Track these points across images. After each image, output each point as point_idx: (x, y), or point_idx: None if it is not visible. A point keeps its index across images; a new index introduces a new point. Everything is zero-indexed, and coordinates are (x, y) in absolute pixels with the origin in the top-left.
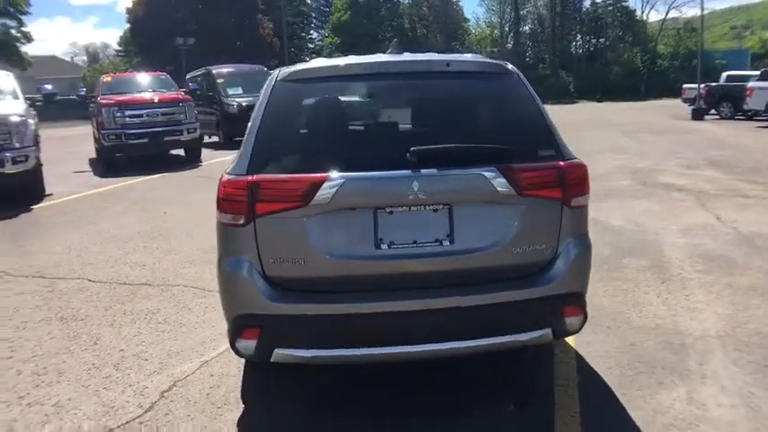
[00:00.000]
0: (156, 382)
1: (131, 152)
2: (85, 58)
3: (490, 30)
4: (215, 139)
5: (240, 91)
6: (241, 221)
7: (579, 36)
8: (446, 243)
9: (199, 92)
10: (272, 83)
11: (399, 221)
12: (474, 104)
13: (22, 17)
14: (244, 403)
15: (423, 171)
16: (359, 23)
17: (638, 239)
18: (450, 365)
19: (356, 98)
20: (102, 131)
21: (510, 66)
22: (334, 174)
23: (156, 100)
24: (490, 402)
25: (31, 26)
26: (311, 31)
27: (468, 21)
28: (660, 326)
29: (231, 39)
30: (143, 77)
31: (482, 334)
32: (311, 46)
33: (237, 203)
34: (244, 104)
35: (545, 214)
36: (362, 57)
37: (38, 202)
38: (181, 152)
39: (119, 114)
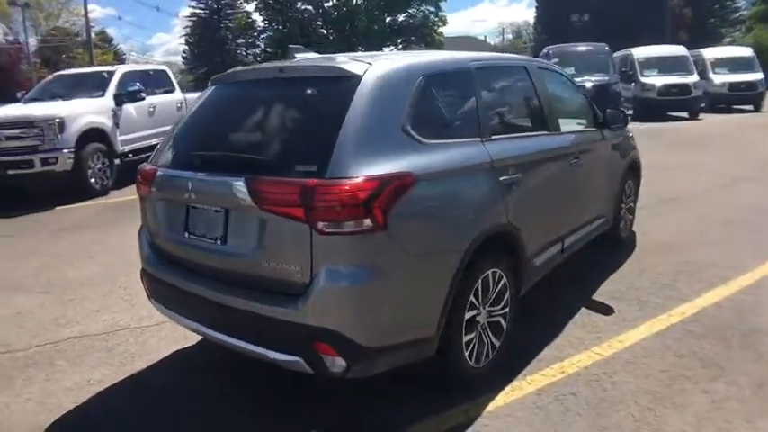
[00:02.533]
0: None
1: None
2: (510, 36)
3: None
4: None
5: (572, 71)
6: (140, 199)
7: None
8: (219, 243)
9: None
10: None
11: (200, 216)
12: (286, 112)
13: (441, 3)
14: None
15: (196, 174)
16: None
17: None
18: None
19: (223, 103)
20: None
21: (362, 70)
22: (160, 170)
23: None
24: (310, 422)
25: (478, 8)
26: None
27: None
28: None
29: (632, 12)
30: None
31: (242, 337)
32: (736, 15)
33: (137, 185)
34: None
35: (291, 234)
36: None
37: None
38: None
39: None
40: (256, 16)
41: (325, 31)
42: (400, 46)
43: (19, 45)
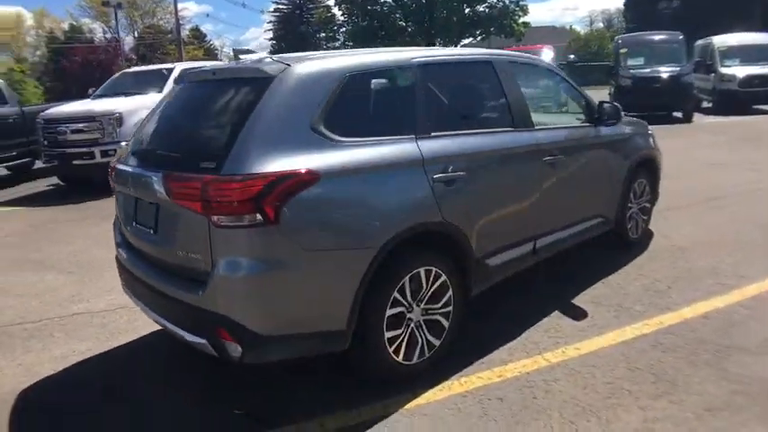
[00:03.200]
0: None
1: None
2: (602, 24)
3: None
4: None
5: (641, 62)
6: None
7: None
8: (152, 232)
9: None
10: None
11: (141, 207)
12: (208, 111)
13: None
14: None
15: (136, 169)
16: None
17: None
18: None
19: (171, 102)
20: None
21: (278, 71)
22: (118, 165)
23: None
24: (232, 402)
25: None
26: None
27: None
28: None
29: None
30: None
31: (169, 319)
32: None
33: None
34: (638, 77)
35: (194, 225)
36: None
37: None
38: None
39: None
40: (337, 10)
41: (404, 24)
42: (479, 37)
43: (116, 42)
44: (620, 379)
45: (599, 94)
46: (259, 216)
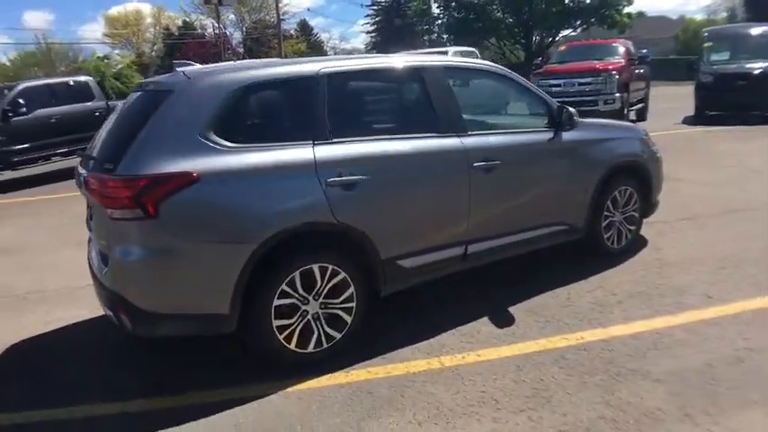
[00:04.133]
0: None
1: None
2: (725, 14)
3: None
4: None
5: (727, 56)
6: None
7: None
8: (92, 223)
9: None
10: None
11: (87, 204)
12: (127, 119)
13: None
14: None
15: (79, 171)
16: None
17: None
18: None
19: (118, 109)
20: None
21: (177, 84)
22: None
23: None
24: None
25: None
26: None
27: None
28: None
29: None
30: None
31: (100, 298)
32: None
33: None
34: (720, 73)
35: (102, 218)
36: None
37: None
38: None
39: None
40: (433, 2)
41: (501, 15)
42: (579, 29)
43: (225, 37)
44: (497, 389)
45: (683, 91)
46: (139, 211)
